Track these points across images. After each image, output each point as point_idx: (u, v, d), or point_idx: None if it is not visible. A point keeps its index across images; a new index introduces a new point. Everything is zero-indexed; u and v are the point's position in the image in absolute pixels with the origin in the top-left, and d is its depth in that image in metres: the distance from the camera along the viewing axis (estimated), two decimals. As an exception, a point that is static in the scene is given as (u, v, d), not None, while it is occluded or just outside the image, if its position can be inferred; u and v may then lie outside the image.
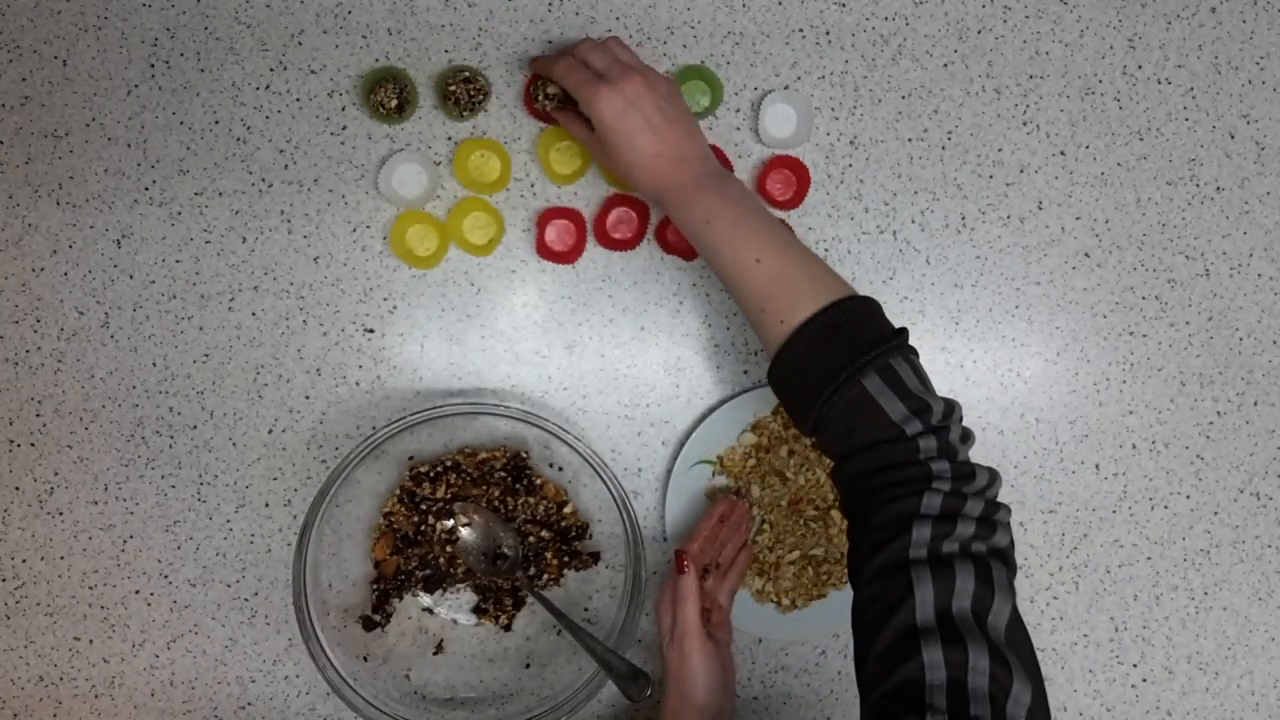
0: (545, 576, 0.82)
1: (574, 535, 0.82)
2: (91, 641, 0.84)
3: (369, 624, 0.80)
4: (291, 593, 0.74)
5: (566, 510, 0.83)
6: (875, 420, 0.59)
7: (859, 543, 0.60)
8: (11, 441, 0.83)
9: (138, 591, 0.83)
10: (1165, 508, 0.87)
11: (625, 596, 0.77)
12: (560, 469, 0.84)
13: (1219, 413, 0.86)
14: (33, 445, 0.83)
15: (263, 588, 0.83)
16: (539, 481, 0.82)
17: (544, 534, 0.82)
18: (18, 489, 0.83)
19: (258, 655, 0.84)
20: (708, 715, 0.69)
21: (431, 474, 0.81)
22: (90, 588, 0.83)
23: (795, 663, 0.86)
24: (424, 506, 0.81)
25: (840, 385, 0.59)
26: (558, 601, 0.81)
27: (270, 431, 0.83)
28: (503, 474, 0.81)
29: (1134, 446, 0.86)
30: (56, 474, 0.83)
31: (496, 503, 0.81)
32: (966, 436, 0.61)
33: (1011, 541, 0.59)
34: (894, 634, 0.54)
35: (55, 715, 0.84)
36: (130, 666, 0.84)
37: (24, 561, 0.83)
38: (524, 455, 0.82)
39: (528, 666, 0.83)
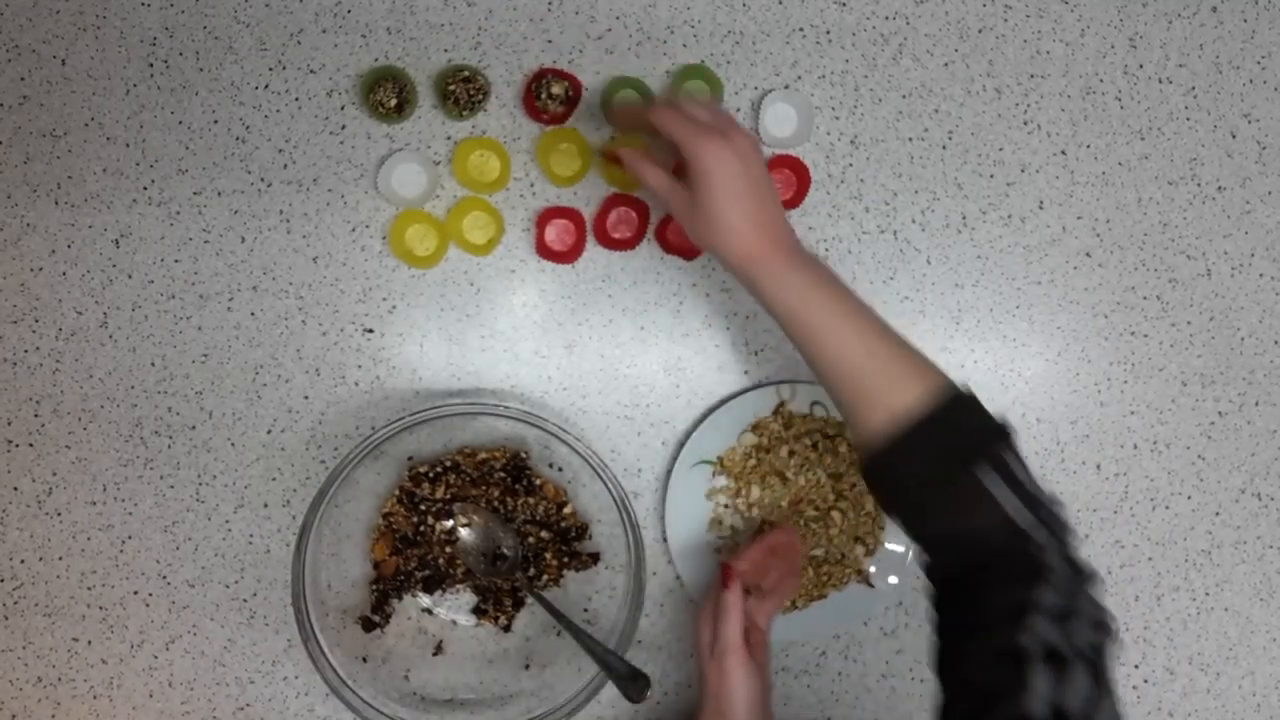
0: (545, 577, 0.82)
1: (574, 536, 0.82)
2: (90, 642, 0.84)
3: (368, 625, 0.80)
4: (290, 594, 0.74)
5: (566, 511, 0.82)
6: (988, 512, 0.58)
7: (963, 621, 0.60)
8: (10, 441, 0.82)
9: (136, 592, 0.83)
10: (1166, 508, 0.86)
11: (626, 597, 0.76)
12: (560, 469, 0.83)
13: (1220, 413, 0.86)
14: (31, 445, 0.82)
15: (261, 588, 0.83)
16: (538, 482, 0.82)
17: (544, 534, 0.82)
18: (17, 489, 0.83)
19: (256, 656, 0.84)
20: None
21: (431, 474, 0.80)
22: (89, 588, 0.83)
23: (795, 663, 0.85)
24: (423, 507, 0.81)
25: (953, 476, 0.59)
26: (558, 602, 0.80)
27: (269, 432, 0.83)
28: (502, 474, 0.81)
29: (1135, 447, 0.86)
30: (55, 474, 0.83)
31: (496, 503, 0.81)
32: (1074, 534, 0.61)
33: (1114, 641, 0.59)
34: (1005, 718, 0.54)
35: (54, 715, 0.84)
36: (129, 667, 0.84)
37: (23, 562, 0.83)
38: (523, 455, 0.82)
39: (527, 667, 0.83)
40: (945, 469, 0.59)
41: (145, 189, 0.81)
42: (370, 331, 0.83)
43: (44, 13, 0.81)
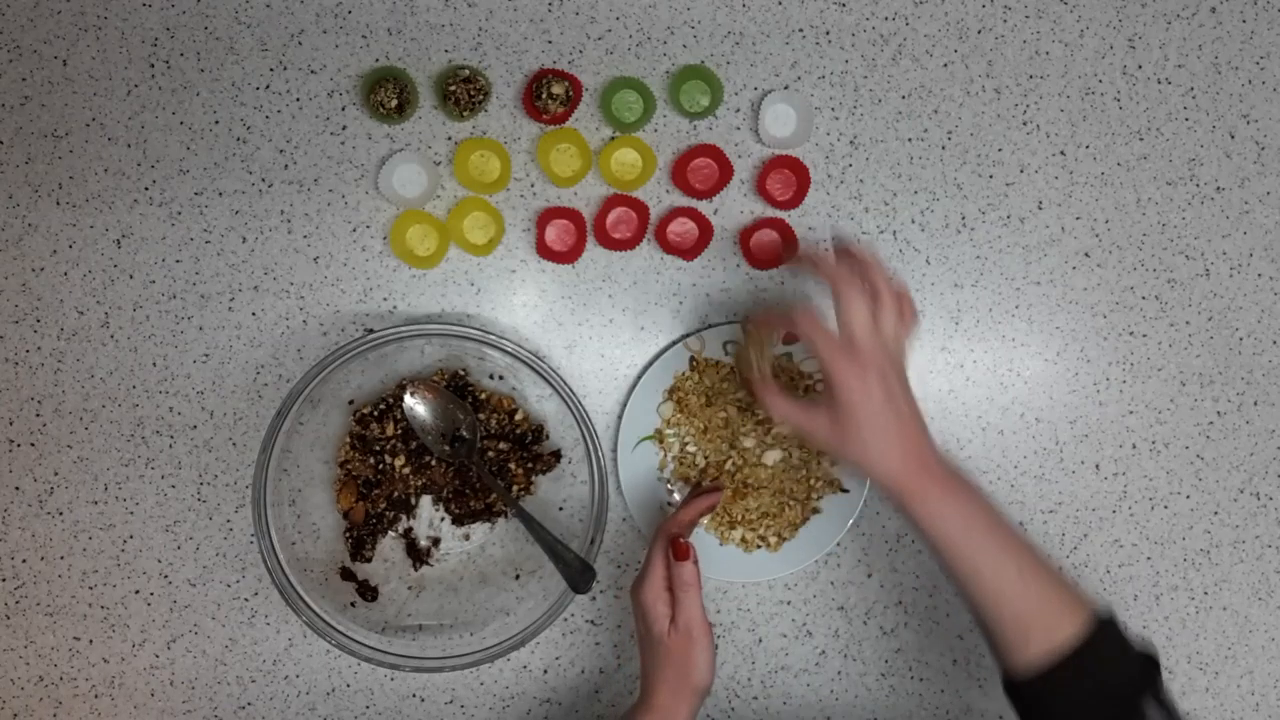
0: (515, 488, 0.82)
1: (530, 440, 0.82)
2: (91, 641, 0.84)
3: (348, 574, 0.81)
4: (266, 567, 0.75)
5: (518, 417, 0.83)
6: None
7: None
8: (11, 441, 0.83)
9: (138, 591, 0.83)
10: (1165, 508, 0.87)
11: (592, 484, 0.77)
12: (500, 378, 0.83)
13: (1219, 413, 0.86)
14: (33, 445, 0.83)
15: (263, 588, 0.83)
16: (484, 396, 0.82)
17: (502, 446, 0.82)
18: (18, 489, 0.83)
19: (258, 655, 0.84)
20: (703, 694, 0.71)
21: (376, 413, 0.81)
22: (90, 588, 0.83)
23: (795, 663, 0.86)
24: (377, 447, 0.81)
25: (1124, 713, 0.61)
26: (533, 516, 0.81)
27: (269, 425, 0.83)
28: None
29: (1134, 446, 0.86)
30: (56, 474, 0.83)
31: None
32: None
33: None
34: None
35: (55, 715, 0.84)
36: (130, 666, 0.84)
37: (24, 561, 0.83)
38: (462, 373, 0.82)
39: (517, 577, 0.83)
40: (1115, 705, 0.61)
41: (146, 189, 0.82)
42: (371, 331, 0.83)
43: (45, 13, 0.81)
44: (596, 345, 0.84)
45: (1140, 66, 0.85)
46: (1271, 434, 0.87)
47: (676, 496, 0.84)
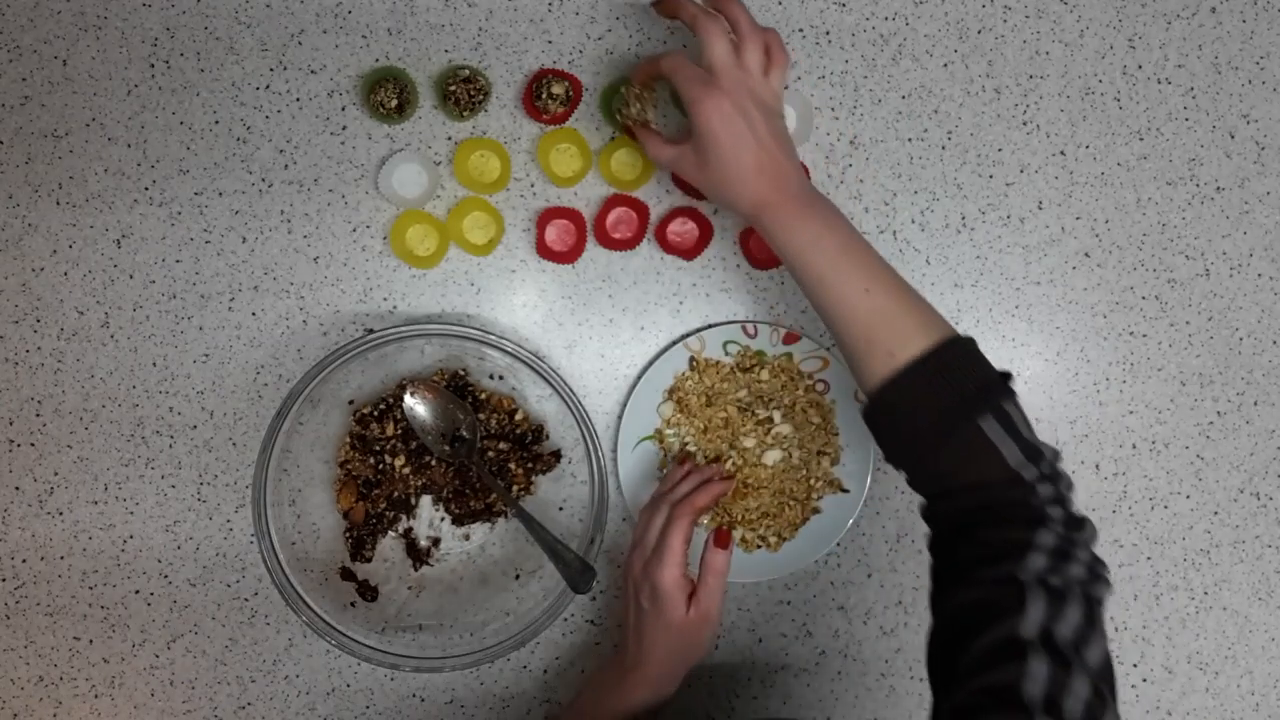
0: (515, 488, 0.82)
1: (531, 440, 0.82)
2: (92, 641, 0.84)
3: (347, 574, 0.81)
4: (266, 567, 0.75)
5: (518, 417, 0.83)
6: (991, 462, 0.60)
7: (962, 554, 0.61)
8: (11, 441, 0.83)
9: (138, 591, 0.83)
10: (1165, 508, 0.87)
11: (592, 484, 0.77)
12: (501, 378, 0.83)
13: (1219, 413, 0.86)
14: (33, 445, 0.83)
15: (263, 588, 0.83)
16: (484, 396, 0.82)
17: (502, 446, 0.82)
18: (18, 489, 0.83)
19: (258, 655, 0.84)
20: (695, 663, 0.73)
21: (376, 413, 0.81)
22: (90, 588, 0.83)
23: (795, 662, 0.86)
24: (377, 447, 0.81)
25: (956, 425, 0.60)
26: (533, 516, 0.81)
27: (269, 426, 0.83)
28: None
29: (1134, 446, 0.86)
30: (57, 474, 0.83)
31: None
32: (1071, 485, 0.62)
33: (1108, 589, 0.61)
34: (999, 638, 0.55)
35: (55, 715, 0.84)
36: (130, 666, 0.84)
37: (24, 561, 0.83)
38: (462, 373, 0.82)
39: (517, 577, 0.83)
40: (949, 418, 0.60)
41: (146, 189, 0.82)
42: (371, 331, 0.83)
43: (45, 13, 0.81)
44: (596, 345, 0.84)
45: (1140, 66, 0.85)
46: (1271, 434, 0.87)
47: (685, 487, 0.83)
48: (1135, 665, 0.87)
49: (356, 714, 0.84)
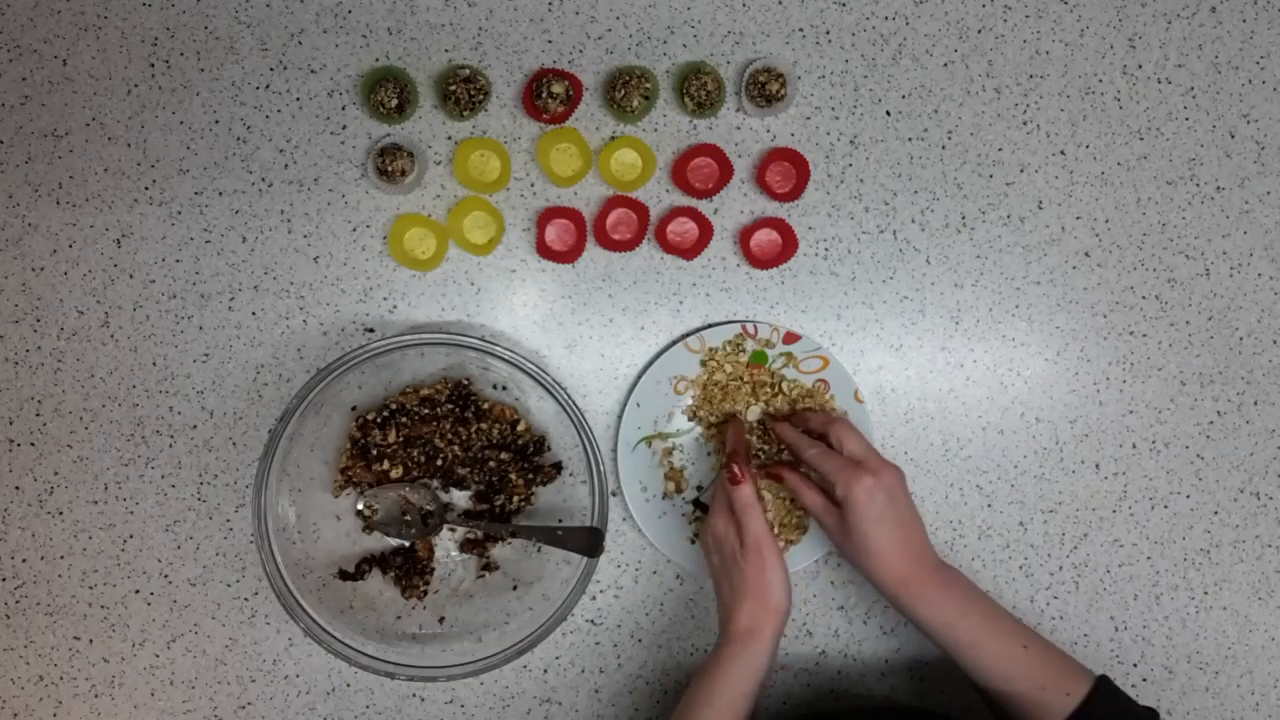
0: (516, 499, 0.82)
1: (532, 451, 0.82)
2: (92, 641, 0.84)
3: (345, 576, 0.81)
4: (264, 571, 0.75)
5: (520, 428, 0.82)
6: None
7: None
8: (11, 441, 0.83)
9: (138, 591, 0.83)
10: (1165, 507, 0.87)
11: (592, 486, 0.77)
12: (504, 388, 0.83)
13: (1219, 412, 0.86)
14: (33, 445, 0.83)
15: (262, 588, 0.83)
16: (486, 406, 0.82)
17: (503, 456, 0.82)
18: (18, 489, 0.83)
19: (258, 655, 0.84)
20: (783, 616, 0.72)
21: (379, 420, 0.80)
22: (90, 587, 0.83)
23: (795, 662, 0.86)
24: (374, 451, 0.81)
25: None
26: (529, 525, 0.81)
27: (271, 432, 0.83)
28: (449, 406, 0.81)
29: (1134, 446, 0.86)
30: (57, 473, 0.83)
31: (449, 435, 0.81)
32: None
33: None
34: None
35: (55, 715, 0.84)
36: (130, 666, 0.84)
37: (24, 561, 0.83)
38: (466, 382, 0.82)
39: (515, 588, 0.83)
40: None
41: (146, 189, 0.82)
42: (371, 331, 0.83)
43: (45, 13, 0.81)
44: (596, 345, 0.84)
45: (1140, 66, 0.85)
46: (1271, 434, 0.87)
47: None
48: (1135, 665, 0.87)
49: (356, 714, 0.84)
